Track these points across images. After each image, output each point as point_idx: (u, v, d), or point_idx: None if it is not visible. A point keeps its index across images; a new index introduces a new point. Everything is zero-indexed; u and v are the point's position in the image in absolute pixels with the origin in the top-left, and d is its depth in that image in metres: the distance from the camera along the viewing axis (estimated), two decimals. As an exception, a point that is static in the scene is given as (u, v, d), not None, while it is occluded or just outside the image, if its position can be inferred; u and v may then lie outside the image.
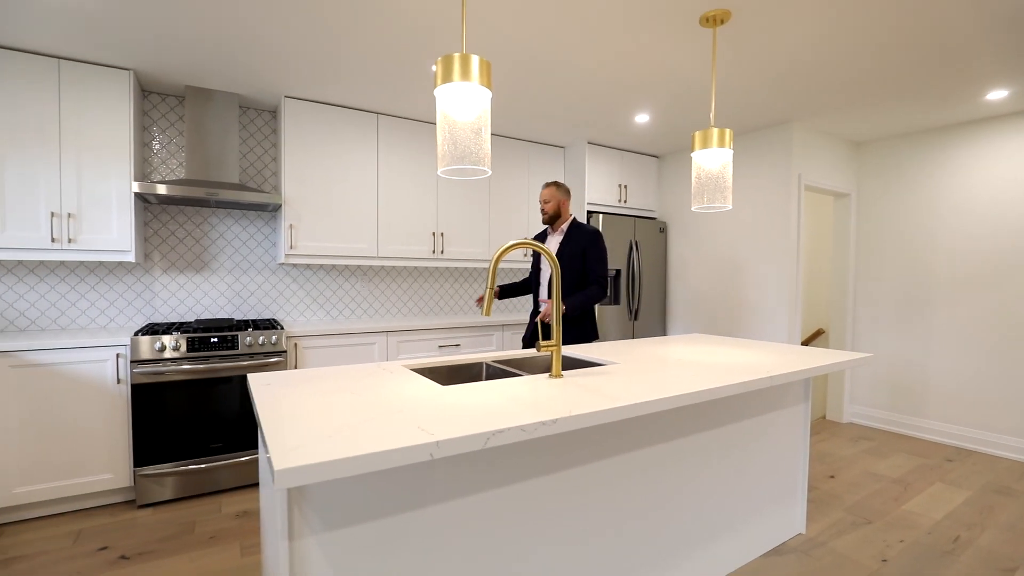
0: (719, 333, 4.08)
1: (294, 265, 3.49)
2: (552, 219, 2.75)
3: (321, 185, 3.22)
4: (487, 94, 1.43)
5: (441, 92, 1.42)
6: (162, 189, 2.70)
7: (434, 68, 2.70)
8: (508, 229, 4.00)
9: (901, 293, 3.88)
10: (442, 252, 3.68)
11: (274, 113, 3.41)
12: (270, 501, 1.25)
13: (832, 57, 2.52)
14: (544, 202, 2.74)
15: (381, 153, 3.42)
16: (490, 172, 1.46)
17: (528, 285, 2.97)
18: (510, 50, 2.48)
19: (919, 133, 3.79)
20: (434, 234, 3.65)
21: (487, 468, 1.33)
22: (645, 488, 1.71)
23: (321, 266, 3.58)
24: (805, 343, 4.48)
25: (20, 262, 2.79)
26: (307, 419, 1.11)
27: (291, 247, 3.13)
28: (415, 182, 3.56)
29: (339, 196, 3.28)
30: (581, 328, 2.67)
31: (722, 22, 2.12)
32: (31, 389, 2.37)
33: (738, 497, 2.04)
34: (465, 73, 1.38)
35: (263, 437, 1.01)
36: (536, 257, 2.90)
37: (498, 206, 3.94)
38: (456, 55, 1.37)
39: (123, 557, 2.13)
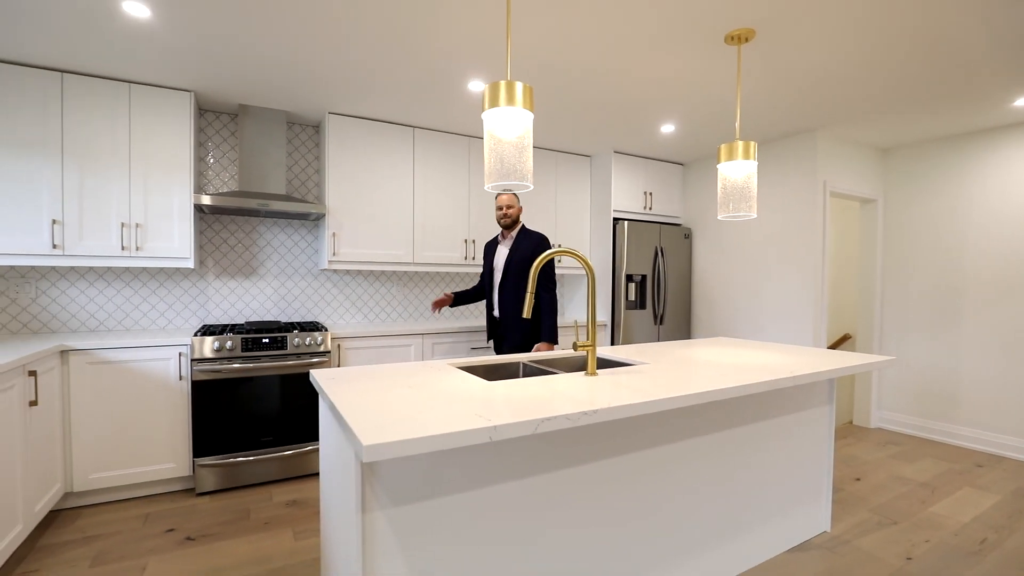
0: (744, 338, 4.14)
1: (335, 271, 3.69)
2: (511, 224, 2.91)
3: (361, 195, 3.41)
4: (529, 116, 1.58)
5: (488, 115, 1.57)
6: (219, 201, 2.92)
7: (470, 86, 2.88)
8: (536, 236, 4.14)
9: (930, 298, 3.89)
10: (473, 258, 3.84)
11: (317, 128, 3.62)
12: (339, 482, 1.40)
13: (855, 69, 2.60)
14: (508, 207, 2.88)
15: (417, 164, 3.61)
16: (532, 187, 1.60)
17: (479, 292, 3.18)
18: (540, 65, 2.63)
19: (947, 139, 3.80)
20: (466, 241, 3.82)
21: (531, 457, 1.47)
22: (674, 480, 1.82)
23: (360, 272, 3.78)
24: (831, 348, 4.50)
25: (91, 268, 3.04)
26: (376, 407, 1.26)
27: (333, 254, 3.32)
28: (448, 192, 3.74)
29: (378, 205, 3.47)
30: (536, 331, 2.87)
31: (746, 40, 2.23)
32: (105, 384, 2.60)
33: (764, 493, 2.12)
34: (510, 98, 1.53)
35: (343, 421, 1.16)
36: (487, 262, 3.06)
37: (526, 214, 4.08)
38: (502, 83, 1.52)
39: (188, 538, 2.32)
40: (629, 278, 4.18)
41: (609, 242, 4.20)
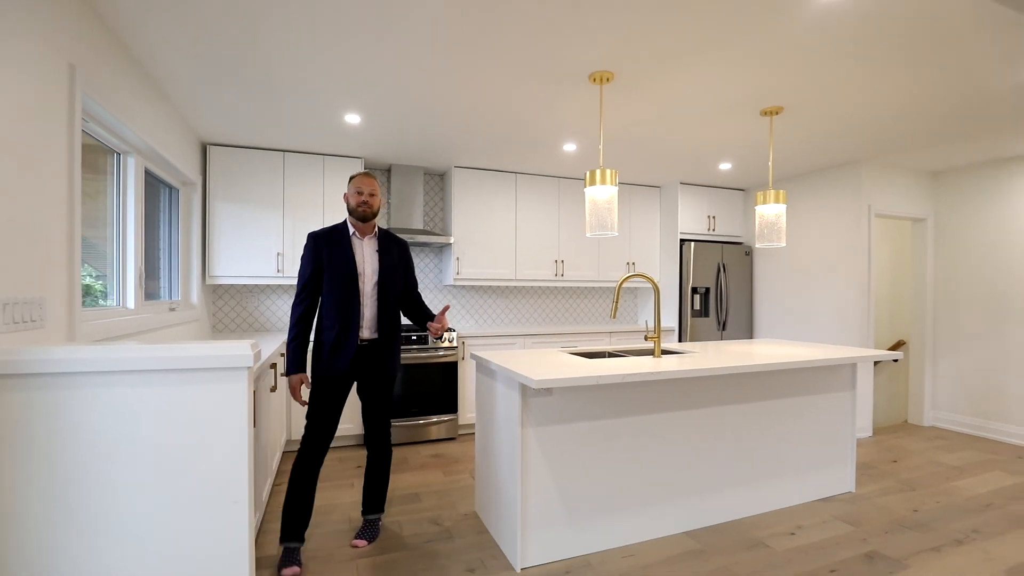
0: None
1: (456, 286, 4.73)
2: (372, 216, 2.31)
3: (477, 227, 4.43)
4: (615, 189, 2.46)
5: (589, 189, 2.47)
6: (381, 236, 4.03)
7: (564, 147, 3.80)
8: (612, 257, 4.97)
9: (981, 307, 4.28)
10: (562, 275, 4.74)
11: (443, 176, 4.71)
12: (500, 414, 2.33)
13: (888, 120, 3.23)
14: (370, 195, 2.29)
15: (518, 201, 4.58)
16: (617, 233, 2.47)
17: (312, 315, 2.29)
18: (620, 130, 3.50)
19: (997, 161, 4.21)
20: (556, 261, 4.73)
21: (620, 406, 2.33)
22: (721, 433, 2.59)
23: (474, 287, 4.80)
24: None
25: (292, 285, 4.26)
26: (526, 367, 2.17)
27: (457, 273, 4.35)
28: (541, 222, 4.67)
29: (489, 235, 4.48)
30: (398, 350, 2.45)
31: (776, 113, 2.98)
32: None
33: (795, 453, 2.82)
34: (603, 179, 2.42)
35: (511, 372, 2.09)
36: (341, 264, 2.24)
37: (605, 239, 4.93)
38: (598, 169, 2.42)
39: (374, 471, 3.37)
40: (694, 290, 4.89)
41: (676, 260, 4.95)
